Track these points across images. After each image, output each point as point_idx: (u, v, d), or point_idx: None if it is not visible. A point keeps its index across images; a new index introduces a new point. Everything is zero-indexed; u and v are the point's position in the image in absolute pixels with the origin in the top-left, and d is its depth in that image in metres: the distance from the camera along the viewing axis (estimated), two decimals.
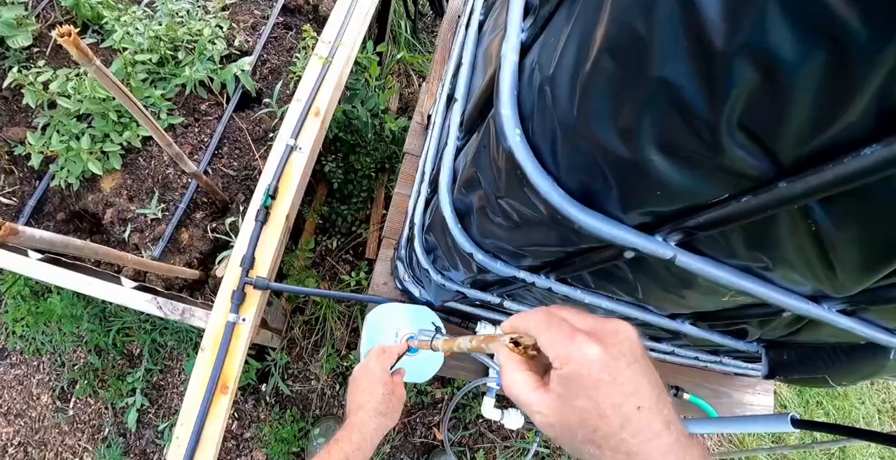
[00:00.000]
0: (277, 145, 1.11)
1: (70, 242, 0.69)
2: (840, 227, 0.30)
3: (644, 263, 0.45)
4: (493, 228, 0.51)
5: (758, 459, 1.82)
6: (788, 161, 0.27)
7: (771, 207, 0.29)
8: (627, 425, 0.30)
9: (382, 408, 0.69)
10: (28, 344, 1.57)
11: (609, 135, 0.31)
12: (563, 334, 0.32)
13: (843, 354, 0.59)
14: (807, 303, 0.44)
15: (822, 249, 0.33)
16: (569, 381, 0.31)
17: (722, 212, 0.32)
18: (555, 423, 0.33)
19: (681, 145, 0.28)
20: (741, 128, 0.25)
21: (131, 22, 1.39)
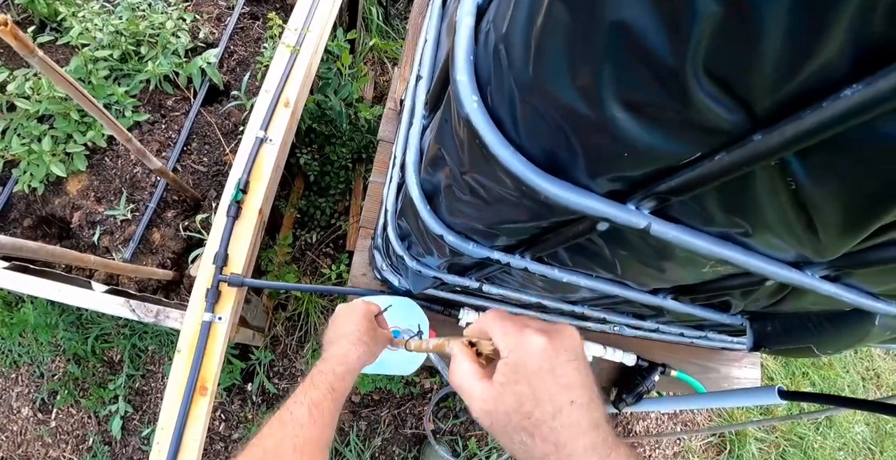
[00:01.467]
0: (247, 138, 1.07)
1: (24, 245, 0.65)
2: (820, 183, 0.28)
3: (619, 236, 0.43)
4: (462, 207, 0.48)
5: (748, 432, 1.84)
6: (762, 110, 0.24)
7: (746, 164, 0.27)
8: (559, 415, 0.32)
9: (366, 338, 0.66)
10: (4, 356, 1.52)
11: (568, 93, 0.28)
12: (515, 327, 0.36)
13: (829, 322, 0.57)
14: (789, 270, 0.42)
15: (803, 209, 0.31)
16: (513, 368, 0.34)
17: (695, 174, 0.30)
18: (492, 410, 0.34)
19: (645, 98, 0.26)
20: (708, 73, 0.23)
21: (90, 17, 1.33)
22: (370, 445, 1.46)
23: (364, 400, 1.53)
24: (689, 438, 1.81)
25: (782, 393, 0.71)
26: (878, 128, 0.22)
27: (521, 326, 0.36)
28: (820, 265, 0.43)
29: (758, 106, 0.24)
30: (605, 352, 1.01)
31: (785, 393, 0.71)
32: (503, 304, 0.93)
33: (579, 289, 0.67)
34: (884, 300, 0.50)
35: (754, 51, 0.21)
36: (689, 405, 0.88)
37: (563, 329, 0.36)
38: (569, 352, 0.35)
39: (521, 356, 0.34)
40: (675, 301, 0.60)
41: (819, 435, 1.97)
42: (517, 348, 0.35)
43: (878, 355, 2.25)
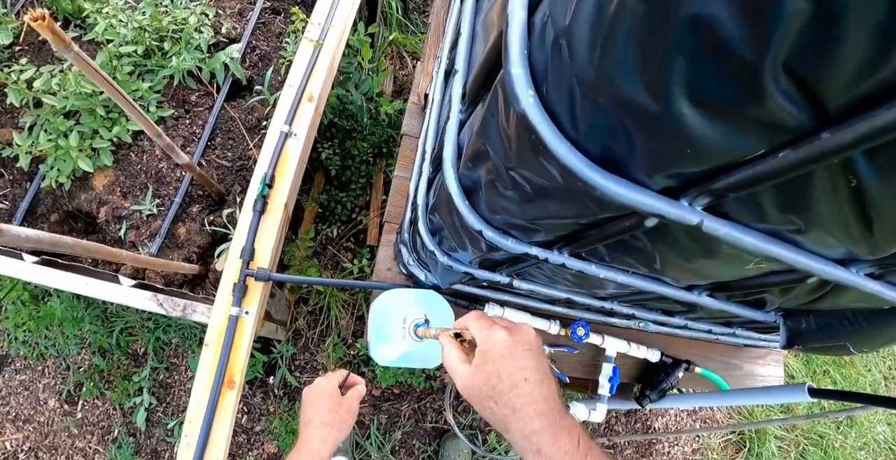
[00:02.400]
0: (271, 132, 1.08)
1: (59, 240, 0.66)
2: (885, 181, 0.28)
3: (664, 232, 0.43)
4: (503, 203, 0.49)
5: (767, 430, 1.83)
6: (834, 109, 0.24)
7: (812, 162, 0.27)
8: (515, 388, 0.44)
9: (329, 419, 0.69)
10: (31, 349, 1.56)
11: (635, 88, 0.28)
12: (486, 324, 0.49)
13: (865, 320, 0.57)
14: (835, 267, 0.42)
15: (861, 206, 0.31)
16: (483, 354, 0.47)
17: (756, 171, 0.30)
18: (469, 385, 0.46)
19: (717, 95, 0.26)
20: (787, 71, 0.23)
21: (114, 13, 1.34)
22: (390, 438, 1.48)
23: (385, 394, 1.54)
24: (709, 435, 1.80)
25: (812, 392, 0.71)
26: None
27: (491, 323, 0.49)
28: (866, 262, 0.43)
29: (831, 104, 0.24)
30: (629, 348, 1.01)
31: (815, 392, 0.71)
32: (530, 300, 0.93)
33: (610, 285, 0.67)
34: None
35: (838, 50, 0.21)
36: (714, 402, 0.88)
37: (521, 326, 0.49)
38: (524, 343, 0.47)
39: (489, 345, 0.47)
40: (710, 298, 0.60)
41: (840, 434, 1.95)
42: (486, 339, 0.47)
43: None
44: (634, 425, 1.73)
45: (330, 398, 0.72)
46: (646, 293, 0.67)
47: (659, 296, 0.65)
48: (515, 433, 0.44)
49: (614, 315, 0.94)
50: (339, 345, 1.48)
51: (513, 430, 0.44)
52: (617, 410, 1.70)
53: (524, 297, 0.93)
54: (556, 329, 0.98)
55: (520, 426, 0.44)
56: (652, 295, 0.66)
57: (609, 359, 1.00)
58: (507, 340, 0.46)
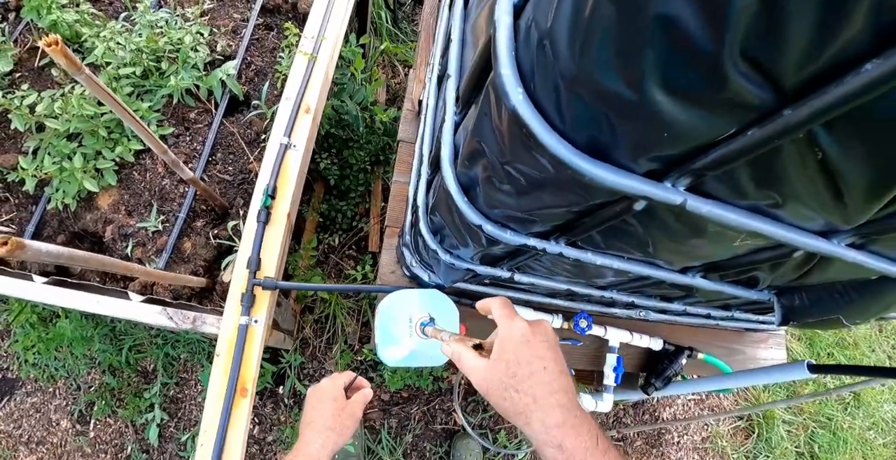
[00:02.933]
0: (271, 145, 1.11)
1: (76, 254, 0.69)
2: (845, 151, 0.31)
3: (653, 215, 0.46)
4: (500, 197, 0.51)
5: (775, 415, 1.85)
6: (791, 87, 0.27)
7: (777, 137, 0.30)
8: (534, 375, 0.45)
9: (330, 423, 0.68)
10: (41, 371, 1.57)
11: (613, 81, 0.31)
12: (509, 314, 0.50)
13: (855, 292, 0.59)
14: (816, 239, 0.45)
15: (831, 177, 0.34)
16: (503, 342, 0.47)
17: (729, 149, 0.32)
18: (488, 376, 0.47)
19: (686, 82, 0.29)
20: (743, 57, 0.26)
21: (111, 37, 1.38)
22: (402, 442, 1.49)
23: (394, 398, 1.56)
24: (717, 423, 1.82)
25: (812, 368, 0.73)
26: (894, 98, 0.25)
27: (513, 314, 0.50)
28: (846, 233, 0.45)
29: (787, 83, 0.27)
30: (631, 338, 1.03)
31: (814, 368, 0.73)
32: (532, 295, 0.96)
33: (608, 274, 0.70)
34: None
35: (785, 35, 0.24)
36: (717, 385, 0.90)
37: (541, 321, 0.50)
38: (542, 335, 0.48)
39: (510, 334, 0.48)
40: (704, 279, 0.62)
41: (847, 415, 1.97)
42: (507, 327, 0.49)
43: None
44: (643, 416, 1.74)
45: (334, 401, 0.71)
46: (643, 279, 0.69)
47: (656, 281, 0.68)
48: (536, 424, 0.43)
49: (615, 305, 0.96)
50: (347, 352, 1.50)
51: (533, 421, 0.44)
52: (625, 402, 1.72)
53: (526, 292, 0.95)
54: (559, 322, 1.01)
55: (541, 416, 0.43)
56: (649, 280, 0.69)
57: (612, 350, 1.02)
58: (527, 329, 0.48)
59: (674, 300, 0.82)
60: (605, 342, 1.05)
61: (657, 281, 0.68)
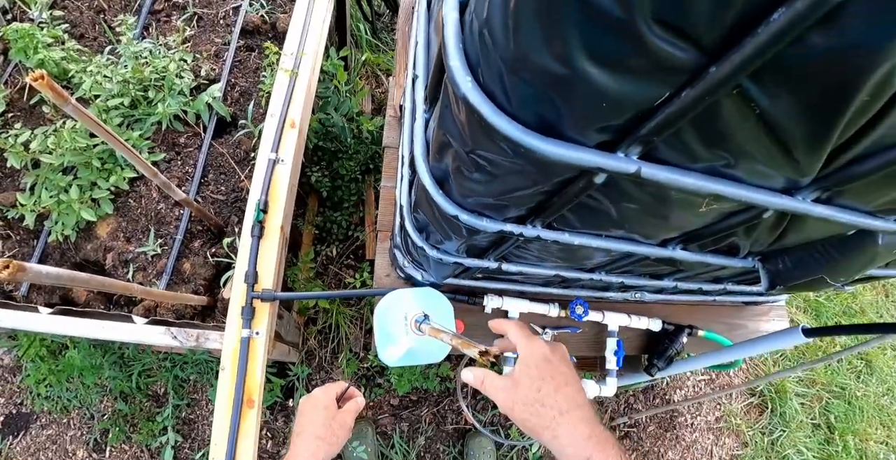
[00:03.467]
0: (260, 161, 1.14)
1: (76, 275, 0.71)
2: (777, 102, 0.32)
3: (617, 188, 0.47)
4: (471, 185, 0.53)
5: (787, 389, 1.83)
6: (710, 45, 0.29)
7: (708, 95, 0.31)
8: (559, 390, 0.47)
9: (321, 433, 0.68)
10: (55, 403, 1.59)
11: (546, 59, 0.33)
12: (527, 335, 0.53)
13: (835, 250, 0.60)
14: (780, 197, 0.46)
15: (772, 131, 0.35)
16: (526, 361, 0.50)
17: (669, 112, 0.34)
18: (514, 395, 0.48)
19: (608, 51, 0.30)
20: (655, 20, 0.27)
21: (98, 70, 1.42)
22: (414, 445, 1.49)
23: (403, 402, 1.56)
24: (730, 402, 1.81)
25: (807, 331, 0.74)
26: (809, 42, 0.27)
27: (531, 335, 0.53)
28: (808, 188, 0.46)
29: (706, 42, 0.28)
30: (630, 321, 1.04)
31: (810, 331, 0.74)
32: (526, 285, 0.97)
33: (594, 255, 0.71)
34: (880, 217, 0.53)
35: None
36: (719, 358, 0.90)
37: (558, 343, 0.53)
38: (561, 354, 0.51)
39: (532, 353, 0.50)
40: (684, 251, 0.63)
41: (861, 383, 1.95)
42: (528, 346, 0.51)
43: None
44: (654, 401, 1.73)
45: (325, 410, 0.71)
46: (628, 257, 0.70)
47: (640, 257, 0.69)
48: (564, 437, 0.45)
49: (609, 289, 0.97)
50: (353, 360, 1.51)
51: (561, 434, 0.45)
52: (634, 387, 1.71)
53: (520, 283, 0.96)
54: (556, 311, 1.01)
55: (569, 429, 0.45)
56: (634, 258, 0.70)
57: (612, 334, 1.03)
58: (547, 349, 0.51)
59: (663, 277, 0.83)
60: (604, 327, 1.05)
61: (641, 257, 0.69)
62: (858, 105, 0.31)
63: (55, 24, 1.47)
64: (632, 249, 0.62)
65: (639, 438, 1.68)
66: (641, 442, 1.67)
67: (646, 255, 0.66)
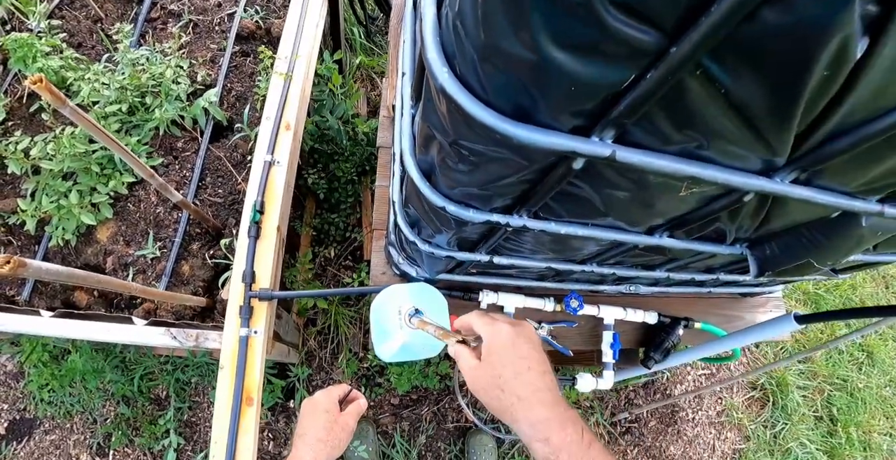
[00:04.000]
0: (256, 163, 1.15)
1: (74, 272, 0.72)
2: (740, 81, 0.33)
3: (597, 175, 0.48)
4: (456, 176, 0.54)
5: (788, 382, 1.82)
6: (669, 26, 0.30)
7: (671, 75, 0.32)
8: (519, 376, 0.47)
9: (323, 436, 0.68)
10: (57, 408, 1.60)
11: (514, 46, 0.34)
12: (489, 321, 0.53)
13: (820, 234, 0.60)
14: (757, 178, 0.47)
15: (737, 109, 0.36)
16: (489, 347, 0.50)
17: (636, 94, 0.35)
18: (479, 376, 0.50)
19: (572, 36, 0.31)
20: (614, 3, 0.28)
21: (96, 78, 1.44)
22: (415, 444, 1.50)
23: (403, 401, 1.57)
24: (731, 396, 1.80)
25: (799, 318, 0.74)
26: (762, 19, 0.28)
27: (493, 320, 0.53)
28: (786, 169, 0.47)
29: (664, 23, 0.29)
30: (625, 314, 1.04)
31: (802, 318, 0.74)
32: (521, 280, 0.98)
33: (583, 246, 0.72)
34: (861, 198, 0.54)
35: None
36: (714, 349, 0.90)
37: (522, 322, 0.54)
38: (525, 337, 0.51)
39: (494, 338, 0.51)
40: (671, 238, 0.64)
41: (862, 374, 1.94)
42: (490, 333, 0.51)
43: None
44: (654, 396, 1.73)
45: (326, 413, 0.72)
46: (617, 247, 0.71)
47: (629, 246, 0.70)
48: (523, 421, 0.46)
49: (603, 282, 0.97)
50: (352, 360, 1.51)
51: (520, 419, 0.46)
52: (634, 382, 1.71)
53: (514, 278, 0.97)
54: (552, 306, 1.02)
55: (526, 414, 0.46)
56: (623, 247, 0.70)
57: (608, 327, 1.03)
58: (510, 332, 0.51)
59: (655, 267, 0.84)
60: (600, 321, 1.06)
61: (630, 246, 0.70)
62: (819, 80, 0.32)
63: (53, 33, 1.49)
64: (619, 238, 0.63)
65: (640, 434, 1.68)
66: (643, 438, 1.67)
67: (634, 244, 0.67)
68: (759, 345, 1.90)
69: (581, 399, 1.66)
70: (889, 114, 0.39)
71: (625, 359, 1.14)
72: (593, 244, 0.70)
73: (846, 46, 0.28)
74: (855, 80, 0.33)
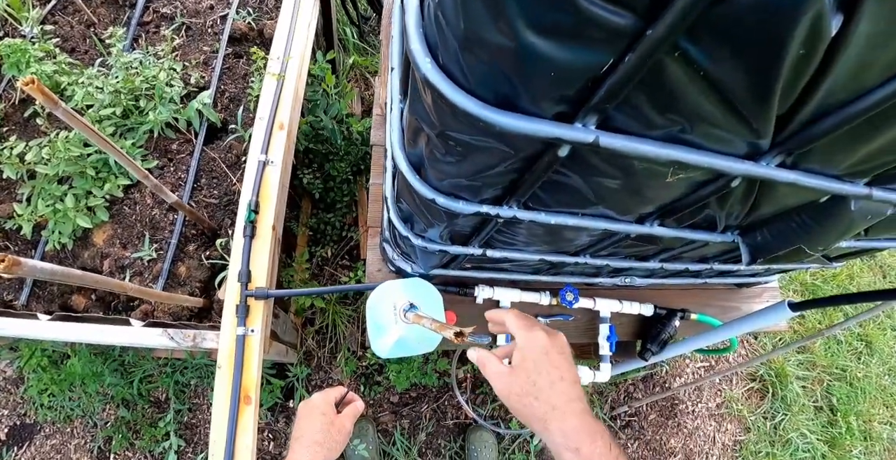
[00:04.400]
0: (250, 163, 1.15)
1: (70, 272, 0.72)
2: (717, 62, 0.33)
3: (583, 162, 0.48)
4: (443, 167, 0.54)
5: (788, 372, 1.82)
6: (642, 8, 0.30)
7: (648, 57, 0.32)
8: (553, 385, 0.48)
9: (319, 438, 0.69)
10: (58, 412, 1.60)
11: (492, 34, 0.34)
12: (527, 324, 0.53)
13: (811, 219, 0.61)
14: (743, 162, 0.47)
15: (717, 91, 0.36)
16: (523, 352, 0.50)
17: (616, 79, 0.35)
18: (511, 382, 0.50)
19: (548, 21, 0.31)
20: None
21: (90, 82, 1.44)
22: (416, 441, 1.50)
23: (402, 399, 1.57)
24: (731, 388, 1.80)
25: (793, 306, 0.74)
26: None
27: (531, 325, 0.52)
28: (771, 153, 0.47)
29: (638, 5, 0.30)
30: (621, 307, 1.04)
31: (796, 305, 0.74)
32: (516, 274, 0.98)
33: (575, 236, 0.72)
34: (849, 181, 0.54)
35: None
36: (710, 339, 0.90)
37: (557, 332, 0.53)
38: (561, 346, 0.51)
39: (530, 344, 0.51)
40: (662, 227, 0.64)
41: (861, 364, 1.94)
42: (527, 338, 0.51)
43: None
44: (653, 389, 1.73)
45: (323, 416, 0.72)
46: (609, 237, 0.72)
47: (621, 236, 0.70)
48: (555, 431, 0.47)
49: (599, 274, 0.98)
50: (351, 359, 1.51)
51: (552, 428, 0.47)
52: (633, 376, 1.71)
53: (509, 272, 0.97)
54: (548, 300, 1.02)
55: (559, 424, 0.46)
56: (615, 237, 0.71)
57: (604, 320, 1.04)
58: (546, 340, 0.51)
59: (649, 258, 0.84)
60: (596, 314, 1.06)
61: (622, 236, 0.70)
62: (795, 59, 0.32)
63: (46, 38, 1.49)
64: (610, 227, 0.63)
65: (640, 427, 1.68)
66: (643, 431, 1.67)
67: (626, 233, 0.67)
68: (758, 337, 1.91)
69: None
70: (870, 93, 0.39)
71: (622, 352, 1.15)
72: (585, 234, 0.71)
73: (819, 23, 0.29)
74: (832, 58, 0.33)
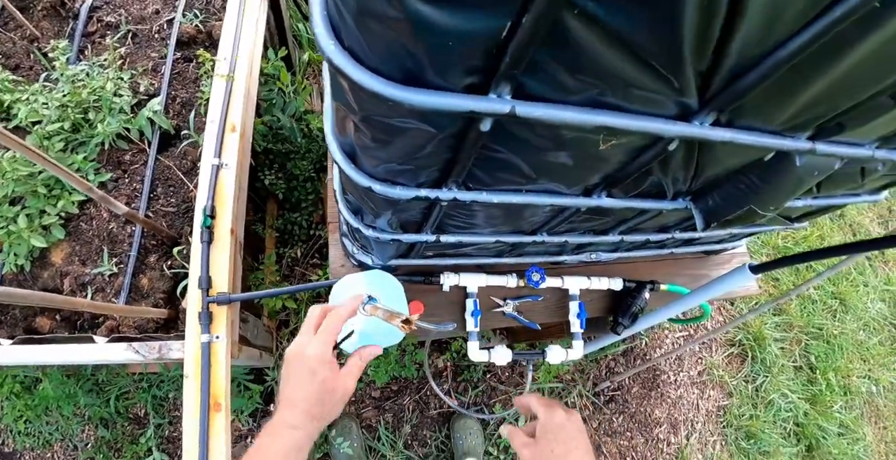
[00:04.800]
0: (203, 167, 1.12)
1: (14, 291, 0.70)
2: (617, 15, 0.32)
3: (510, 136, 0.47)
4: (373, 153, 0.53)
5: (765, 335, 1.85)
6: None
7: (545, 15, 0.31)
8: (569, 453, 0.57)
9: (316, 411, 0.55)
10: (35, 438, 1.56)
11: (382, 5, 0.32)
12: (548, 404, 0.62)
13: (758, 179, 0.60)
14: (675, 123, 0.46)
15: (626, 47, 0.35)
16: (544, 426, 0.59)
17: (517, 41, 0.34)
18: (535, 451, 0.59)
19: None
20: None
21: (34, 98, 1.39)
22: (401, 434, 1.49)
23: (384, 393, 1.56)
24: (711, 354, 1.83)
25: (753, 268, 0.75)
26: None
27: (552, 404, 0.62)
28: (703, 112, 0.46)
29: None
30: (590, 283, 1.04)
31: (756, 268, 0.74)
32: (480, 258, 0.97)
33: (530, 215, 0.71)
34: (789, 136, 0.54)
35: None
36: (678, 308, 0.91)
37: (574, 411, 0.62)
38: (574, 422, 0.60)
39: (550, 419, 0.60)
40: (610, 198, 0.64)
41: (837, 321, 1.99)
42: (547, 415, 0.60)
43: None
44: (635, 363, 1.75)
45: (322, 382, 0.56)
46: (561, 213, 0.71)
47: (572, 211, 0.69)
48: None
49: (563, 252, 0.97)
50: None
51: None
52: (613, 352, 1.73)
53: (473, 257, 0.96)
54: (514, 282, 1.02)
55: None
56: (566, 212, 0.70)
57: (574, 298, 1.03)
58: (563, 416, 0.60)
59: (608, 232, 0.83)
60: (566, 292, 1.06)
61: (574, 211, 0.69)
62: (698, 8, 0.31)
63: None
64: (556, 201, 0.63)
65: (624, 401, 1.70)
66: (627, 404, 1.69)
67: (576, 207, 0.67)
68: (734, 303, 1.93)
69: (562, 373, 1.67)
70: (787, 42, 0.38)
71: (594, 328, 1.15)
72: (539, 211, 0.70)
73: None
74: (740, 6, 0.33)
